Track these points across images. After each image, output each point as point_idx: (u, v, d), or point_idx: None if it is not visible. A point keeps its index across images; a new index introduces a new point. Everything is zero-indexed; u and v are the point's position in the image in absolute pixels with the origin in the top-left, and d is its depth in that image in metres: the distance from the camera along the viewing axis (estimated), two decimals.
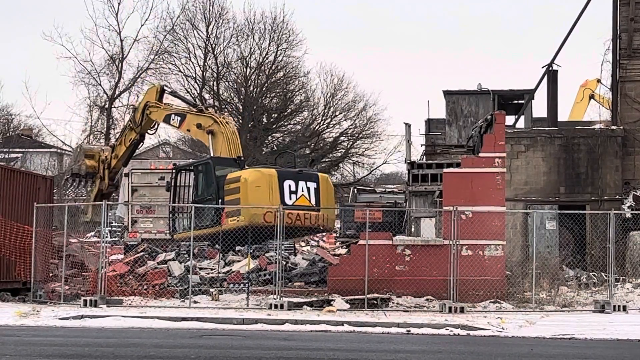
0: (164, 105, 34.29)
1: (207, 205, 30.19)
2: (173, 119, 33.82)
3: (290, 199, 29.96)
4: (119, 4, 60.68)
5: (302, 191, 30.47)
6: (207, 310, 25.01)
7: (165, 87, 36.13)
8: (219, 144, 32.08)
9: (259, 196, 29.39)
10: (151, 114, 34.03)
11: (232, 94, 64.57)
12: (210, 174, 30.79)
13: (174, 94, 37.57)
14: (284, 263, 28.73)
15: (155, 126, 35.37)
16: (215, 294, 27.20)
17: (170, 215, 32.25)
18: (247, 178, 29.66)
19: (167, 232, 34.02)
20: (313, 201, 30.65)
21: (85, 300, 25.73)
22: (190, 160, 43.67)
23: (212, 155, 31.87)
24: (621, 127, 35.78)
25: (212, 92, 63.96)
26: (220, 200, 29.87)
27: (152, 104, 33.90)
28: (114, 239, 43.09)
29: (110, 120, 60.25)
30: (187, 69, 63.84)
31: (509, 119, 38.71)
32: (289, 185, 30.20)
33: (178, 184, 32.20)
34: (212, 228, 29.96)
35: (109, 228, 42.38)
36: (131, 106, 39.14)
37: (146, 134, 35.18)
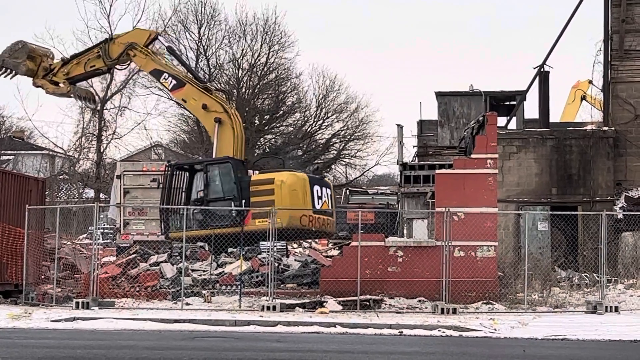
0: (156, 56, 32.55)
1: (202, 208, 30.14)
2: (165, 78, 32.11)
3: (318, 203, 30.35)
4: (111, 5, 60.45)
5: (324, 197, 30.88)
6: (200, 312, 24.99)
7: (160, 38, 33.96)
8: (227, 139, 31.50)
9: (295, 199, 29.66)
10: (135, 57, 32.36)
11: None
12: (230, 174, 30.69)
13: (171, 50, 35.36)
14: (277, 265, 28.73)
15: (128, 64, 33.65)
16: (207, 296, 27.17)
17: (164, 214, 31.83)
18: (284, 181, 29.88)
19: (159, 233, 33.83)
20: (330, 206, 31.09)
21: (77, 303, 25.67)
22: (199, 158, 43.32)
23: (215, 149, 31.64)
24: (613, 128, 35.84)
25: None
26: (244, 201, 29.93)
27: (140, 49, 32.15)
28: (106, 241, 42.99)
29: (102, 122, 60.11)
30: None
31: (501, 120, 38.73)
32: (317, 190, 30.55)
33: (174, 182, 31.74)
34: (232, 228, 29.90)
35: (101, 230, 42.28)
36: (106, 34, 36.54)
37: (114, 69, 33.39)
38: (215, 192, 30.94)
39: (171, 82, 32.19)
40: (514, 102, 43.71)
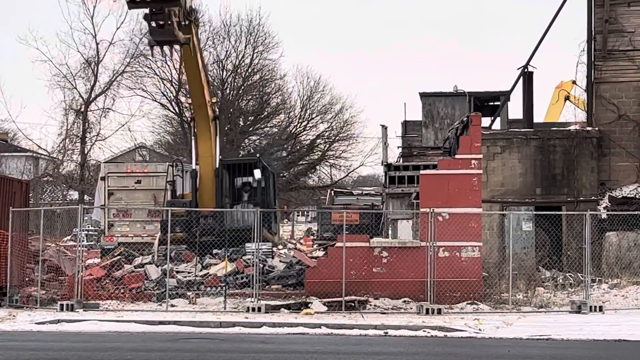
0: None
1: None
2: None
3: None
4: (95, 7, 60.38)
5: None
6: (185, 313, 24.95)
7: None
8: (217, 139, 31.88)
9: None
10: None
11: None
12: (275, 183, 31.79)
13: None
14: (262, 266, 28.71)
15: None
16: (192, 298, 27.13)
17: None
18: None
19: (144, 234, 33.91)
20: None
21: (61, 305, 25.60)
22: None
23: (217, 147, 31.99)
24: (596, 129, 35.94)
25: (188, 95, 63.79)
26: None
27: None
28: (90, 242, 42.91)
29: (86, 123, 59.97)
30: (163, 72, 63.82)
31: (485, 121, 38.80)
32: None
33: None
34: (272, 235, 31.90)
35: (85, 232, 42.18)
36: None
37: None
38: (269, 197, 31.90)
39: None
40: (498, 103, 43.78)
